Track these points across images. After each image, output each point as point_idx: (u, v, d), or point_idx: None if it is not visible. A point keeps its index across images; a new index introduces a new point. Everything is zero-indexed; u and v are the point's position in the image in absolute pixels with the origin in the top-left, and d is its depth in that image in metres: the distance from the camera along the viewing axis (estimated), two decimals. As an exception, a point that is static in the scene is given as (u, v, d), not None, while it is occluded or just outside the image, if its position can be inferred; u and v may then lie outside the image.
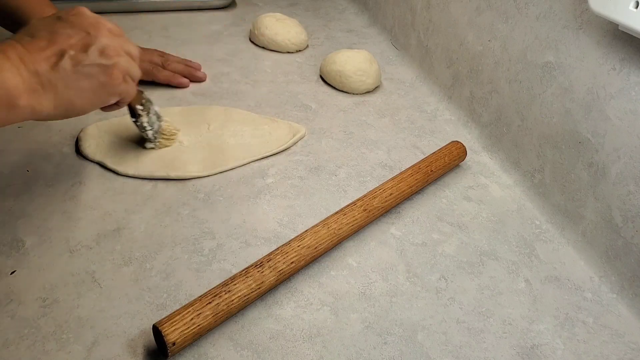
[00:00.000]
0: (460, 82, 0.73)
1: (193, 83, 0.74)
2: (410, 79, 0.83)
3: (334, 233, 0.48)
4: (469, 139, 0.69)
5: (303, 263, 0.46)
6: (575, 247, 0.54)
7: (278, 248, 0.46)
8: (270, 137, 0.63)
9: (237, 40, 0.88)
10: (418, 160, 0.60)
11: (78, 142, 0.59)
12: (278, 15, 0.88)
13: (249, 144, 0.62)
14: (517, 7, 0.62)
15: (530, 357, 0.43)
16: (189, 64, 0.75)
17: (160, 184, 0.55)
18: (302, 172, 0.60)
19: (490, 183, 0.62)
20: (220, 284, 0.42)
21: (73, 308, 0.42)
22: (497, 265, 0.51)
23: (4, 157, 0.56)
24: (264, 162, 0.61)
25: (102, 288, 0.44)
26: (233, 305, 0.41)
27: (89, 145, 0.58)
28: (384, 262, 0.50)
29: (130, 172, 0.55)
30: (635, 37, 0.46)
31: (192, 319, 0.38)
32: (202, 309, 0.39)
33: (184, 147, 0.60)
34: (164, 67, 0.72)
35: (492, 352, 0.43)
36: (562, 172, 0.56)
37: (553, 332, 0.45)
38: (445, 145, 0.62)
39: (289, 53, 0.87)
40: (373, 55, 0.79)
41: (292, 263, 0.45)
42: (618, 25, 0.47)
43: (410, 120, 0.72)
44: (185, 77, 0.73)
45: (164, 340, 0.37)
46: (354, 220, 0.50)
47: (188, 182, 0.56)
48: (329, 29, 0.98)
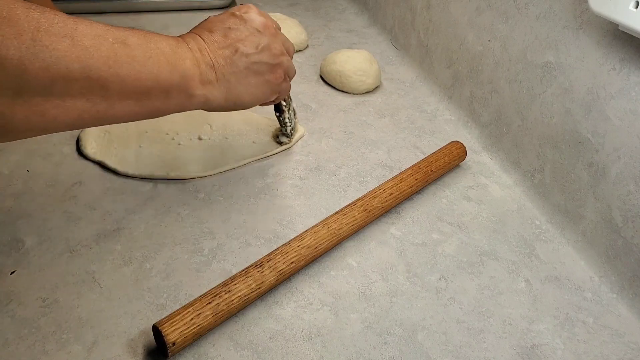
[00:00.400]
0: (460, 82, 0.73)
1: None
2: (410, 79, 0.83)
3: (334, 233, 0.48)
4: (469, 139, 0.69)
5: (303, 263, 0.46)
6: (575, 247, 0.54)
7: (278, 248, 0.46)
8: (269, 137, 0.64)
9: (237, 40, 0.88)
10: (418, 160, 0.60)
11: (78, 142, 0.59)
12: (278, 15, 0.88)
13: (249, 144, 0.62)
14: (517, 7, 0.62)
15: (530, 357, 0.43)
16: None
17: (160, 184, 0.55)
18: (302, 172, 0.60)
19: (490, 183, 0.62)
20: (220, 284, 0.42)
21: (73, 308, 0.42)
22: (497, 265, 0.51)
23: (4, 157, 0.56)
24: (264, 162, 0.61)
25: (102, 288, 0.44)
26: (233, 305, 0.41)
27: (89, 145, 0.58)
28: (384, 262, 0.50)
29: (130, 172, 0.56)
30: (635, 37, 0.46)
31: (192, 319, 0.38)
32: (202, 309, 0.39)
33: (184, 147, 0.60)
34: None
35: (492, 352, 0.43)
36: (562, 172, 0.56)
37: (553, 332, 0.45)
38: (445, 145, 0.62)
39: (289, 53, 0.87)
40: (373, 55, 0.79)
41: (292, 263, 0.45)
42: (618, 25, 0.47)
43: (410, 120, 0.72)
44: None
45: (164, 340, 0.37)
46: (354, 220, 0.50)
47: (188, 182, 0.56)
48: (329, 29, 0.98)
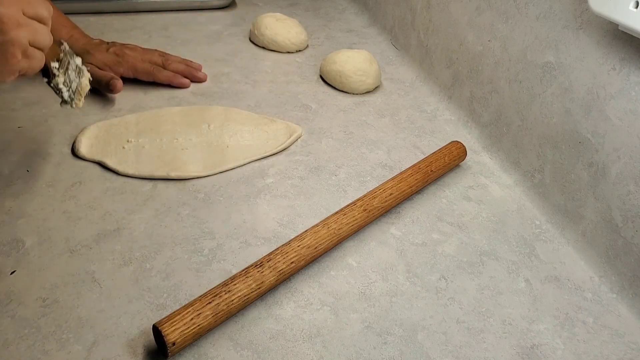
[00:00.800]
0: (460, 82, 0.73)
1: (193, 83, 0.74)
2: (410, 79, 0.83)
3: (334, 233, 0.48)
4: (469, 139, 0.69)
5: (303, 263, 0.46)
6: (575, 247, 0.54)
7: (278, 248, 0.46)
8: (269, 137, 0.64)
9: (237, 40, 0.88)
10: (418, 160, 0.60)
11: (78, 142, 0.59)
12: (278, 15, 0.88)
13: (249, 144, 0.62)
14: (517, 7, 0.62)
15: (530, 357, 0.43)
16: (190, 64, 0.75)
17: (160, 184, 0.55)
18: (302, 172, 0.60)
19: (490, 183, 0.62)
20: (220, 284, 0.42)
21: (73, 308, 0.42)
22: (497, 265, 0.51)
23: (4, 157, 0.56)
24: (264, 162, 0.61)
25: (102, 288, 0.44)
26: (233, 305, 0.41)
27: (84, 146, 0.58)
28: (384, 262, 0.50)
29: (130, 172, 0.55)
30: (635, 37, 0.46)
31: (192, 319, 0.38)
32: (202, 309, 0.39)
33: (184, 147, 0.60)
34: (165, 67, 0.72)
35: (492, 352, 0.43)
36: (562, 172, 0.56)
37: (553, 332, 0.45)
38: (445, 145, 0.62)
39: (289, 53, 0.87)
40: (373, 55, 0.79)
41: (292, 263, 0.45)
42: (618, 25, 0.47)
43: (410, 120, 0.72)
44: (186, 77, 0.73)
45: (164, 340, 0.37)
46: (354, 220, 0.50)
47: (188, 182, 0.56)
48: (329, 29, 0.98)
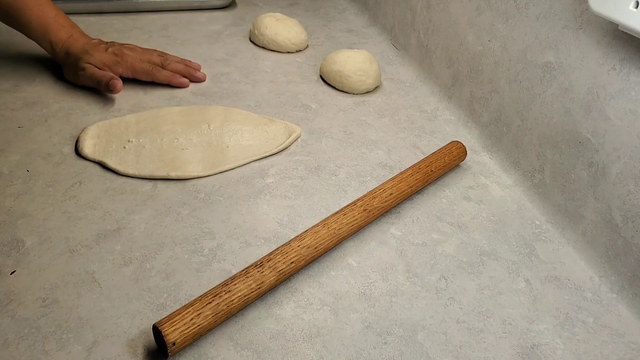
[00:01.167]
0: (460, 82, 0.73)
1: (193, 83, 0.74)
2: (410, 79, 0.83)
3: (334, 233, 0.48)
4: (469, 139, 0.69)
5: (303, 263, 0.46)
6: (575, 247, 0.54)
7: (278, 248, 0.46)
8: (268, 136, 0.64)
9: (237, 40, 0.88)
10: (418, 160, 0.60)
11: (78, 142, 0.59)
12: (278, 15, 0.88)
13: (249, 144, 0.62)
14: (517, 7, 0.62)
15: (530, 357, 0.43)
16: (189, 64, 0.75)
17: (160, 184, 0.55)
18: (302, 172, 0.60)
19: (490, 183, 0.62)
20: (220, 284, 0.42)
21: (73, 308, 0.42)
22: (497, 265, 0.51)
23: (4, 157, 0.56)
24: (264, 162, 0.61)
25: (102, 288, 0.44)
26: (233, 305, 0.41)
27: (89, 145, 0.58)
28: (384, 262, 0.50)
29: (130, 172, 0.55)
30: (635, 37, 0.46)
31: (192, 319, 0.38)
32: (202, 309, 0.39)
33: (184, 147, 0.60)
34: (164, 67, 0.72)
35: (492, 352, 0.43)
36: (562, 172, 0.56)
37: (553, 332, 0.45)
38: (445, 145, 0.62)
39: (289, 53, 0.87)
40: (373, 55, 0.79)
41: (292, 263, 0.45)
42: (618, 25, 0.47)
43: (410, 120, 0.72)
44: (185, 77, 0.73)
45: (164, 340, 0.37)
46: (354, 220, 0.50)
47: (188, 182, 0.56)
48: (329, 29, 0.98)
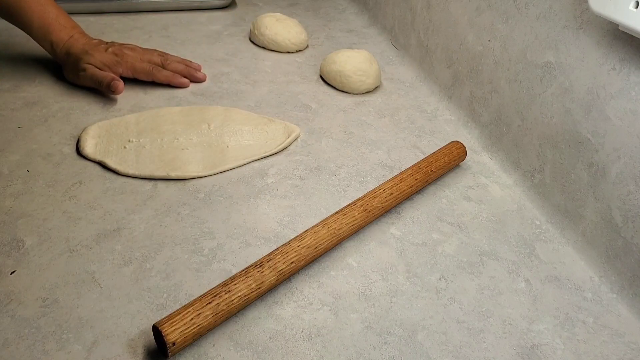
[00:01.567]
0: (460, 82, 0.73)
1: (193, 83, 0.74)
2: (410, 79, 0.83)
3: (334, 233, 0.48)
4: (469, 139, 0.69)
5: (303, 263, 0.46)
6: (575, 247, 0.54)
7: (278, 248, 0.46)
8: (267, 136, 0.64)
9: (237, 40, 0.88)
10: (418, 160, 0.60)
11: (78, 142, 0.59)
12: (278, 15, 0.88)
13: (249, 144, 0.62)
14: (517, 7, 0.62)
15: (530, 357, 0.43)
16: (189, 65, 0.75)
17: (160, 184, 0.55)
18: (302, 172, 0.60)
19: (490, 183, 0.62)
20: (220, 284, 0.42)
21: (73, 308, 0.42)
22: (497, 265, 0.51)
23: (4, 157, 0.56)
24: (264, 162, 0.61)
25: (102, 288, 0.44)
26: (233, 305, 0.41)
27: (91, 145, 0.58)
28: (384, 262, 0.50)
29: (130, 172, 0.55)
30: (635, 37, 0.46)
31: (192, 319, 0.38)
32: (202, 309, 0.39)
33: (184, 147, 0.60)
34: (164, 67, 0.72)
35: (492, 352, 0.43)
36: (562, 172, 0.56)
37: (553, 332, 0.45)
38: (445, 145, 0.62)
39: (289, 53, 0.87)
40: (373, 55, 0.79)
41: (292, 263, 0.45)
42: (618, 25, 0.47)
43: (410, 120, 0.72)
44: (185, 77, 0.73)
45: (164, 340, 0.37)
46: (354, 220, 0.50)
47: (188, 182, 0.56)
48: (329, 29, 0.98)
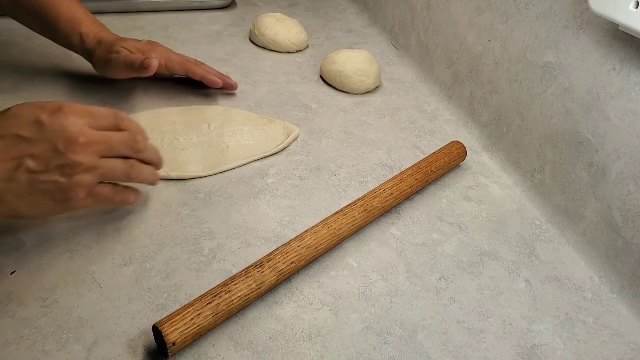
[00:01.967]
0: (460, 82, 0.73)
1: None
2: (410, 79, 0.83)
3: (334, 233, 0.48)
4: (469, 139, 0.69)
5: (303, 263, 0.46)
6: (575, 247, 0.54)
7: (278, 248, 0.46)
8: (267, 136, 0.63)
9: (237, 40, 0.88)
10: (418, 160, 0.60)
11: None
12: (278, 15, 0.88)
13: (249, 144, 0.62)
14: (517, 7, 0.62)
15: (530, 357, 0.43)
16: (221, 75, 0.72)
17: (160, 184, 0.55)
18: (302, 172, 0.60)
19: (490, 183, 0.62)
20: (220, 284, 0.42)
21: (73, 308, 0.42)
22: (497, 265, 0.51)
23: (4, 157, 0.56)
24: (264, 162, 0.61)
25: (102, 288, 0.44)
26: (233, 305, 0.41)
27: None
28: (384, 262, 0.50)
29: (130, 172, 0.55)
30: (635, 37, 0.46)
31: (192, 319, 0.38)
32: (202, 309, 0.39)
33: (184, 147, 0.60)
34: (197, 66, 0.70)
35: (492, 352, 0.43)
36: (562, 172, 0.56)
37: (553, 332, 0.45)
38: (445, 145, 0.62)
39: (289, 53, 0.87)
40: (373, 55, 0.79)
41: (292, 263, 0.45)
42: (618, 25, 0.47)
43: (410, 120, 0.72)
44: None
45: (164, 340, 0.37)
46: (354, 220, 0.50)
47: (188, 182, 0.56)
48: (329, 29, 0.98)
